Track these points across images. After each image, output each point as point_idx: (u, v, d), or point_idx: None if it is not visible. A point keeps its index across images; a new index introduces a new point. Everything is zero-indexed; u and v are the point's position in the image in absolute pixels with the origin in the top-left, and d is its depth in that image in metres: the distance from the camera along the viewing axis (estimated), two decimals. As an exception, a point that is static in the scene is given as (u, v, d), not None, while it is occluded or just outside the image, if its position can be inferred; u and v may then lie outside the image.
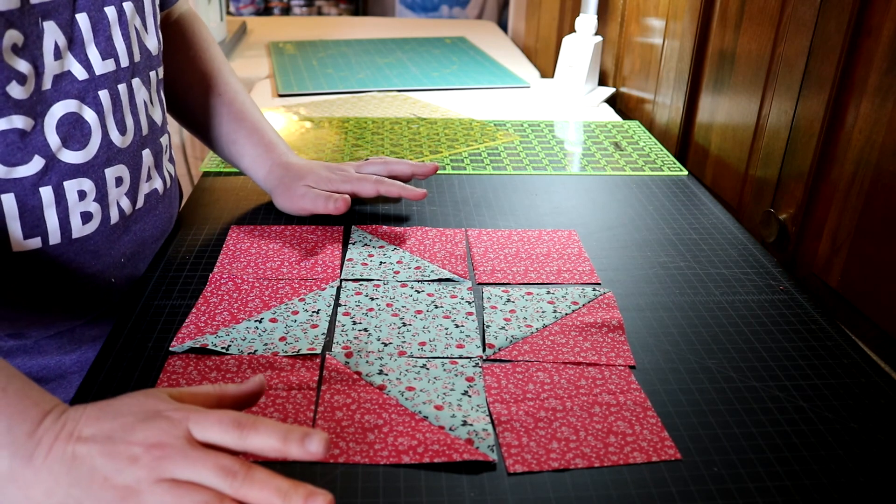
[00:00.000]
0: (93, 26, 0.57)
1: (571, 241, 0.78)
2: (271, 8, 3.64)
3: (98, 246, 0.62)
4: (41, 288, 0.60)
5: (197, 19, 0.85)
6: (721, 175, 0.95)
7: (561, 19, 1.61)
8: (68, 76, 0.56)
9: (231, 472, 0.39)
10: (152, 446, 0.40)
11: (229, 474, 0.39)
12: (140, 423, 0.41)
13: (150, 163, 0.68)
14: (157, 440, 0.40)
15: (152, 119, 0.68)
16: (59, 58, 0.55)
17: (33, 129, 0.55)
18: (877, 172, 0.65)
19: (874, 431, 0.52)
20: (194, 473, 0.39)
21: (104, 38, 0.59)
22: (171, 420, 0.41)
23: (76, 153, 0.58)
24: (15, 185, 0.55)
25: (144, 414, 0.41)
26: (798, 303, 0.68)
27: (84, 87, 0.58)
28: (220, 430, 0.41)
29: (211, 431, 0.41)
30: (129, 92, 0.63)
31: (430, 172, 0.82)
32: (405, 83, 1.39)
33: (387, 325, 0.62)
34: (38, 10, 0.53)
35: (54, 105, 0.56)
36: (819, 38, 0.72)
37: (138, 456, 0.39)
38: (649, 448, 0.50)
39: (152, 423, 0.41)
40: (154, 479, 0.39)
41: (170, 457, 0.39)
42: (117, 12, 0.60)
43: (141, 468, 0.39)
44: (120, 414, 0.42)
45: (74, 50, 0.56)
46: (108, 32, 0.59)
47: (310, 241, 0.76)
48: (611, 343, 0.61)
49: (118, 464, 0.39)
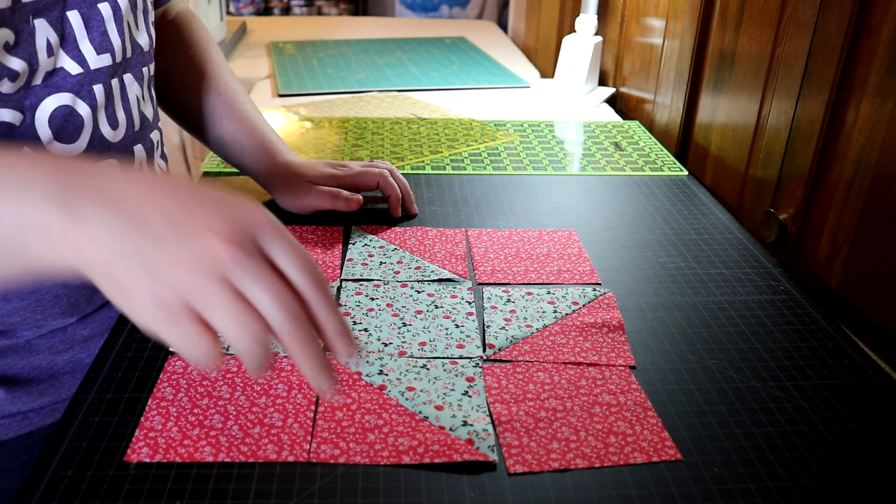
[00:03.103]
0: (85, 22, 0.57)
1: (572, 241, 0.78)
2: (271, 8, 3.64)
3: None
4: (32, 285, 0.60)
5: (195, 18, 0.85)
6: (721, 175, 0.95)
7: (561, 19, 1.61)
8: (61, 72, 0.56)
9: (294, 316, 0.37)
10: (222, 234, 0.37)
11: (293, 318, 0.37)
12: (215, 203, 0.38)
13: (143, 158, 0.68)
14: (231, 229, 0.37)
15: (144, 115, 0.68)
16: (51, 55, 0.55)
17: (22, 122, 0.55)
18: (877, 172, 0.65)
19: (874, 431, 0.52)
20: (259, 295, 0.36)
21: (99, 34, 0.59)
22: (254, 220, 0.38)
23: (67, 146, 0.58)
24: None
25: (220, 198, 0.39)
26: (798, 303, 0.68)
27: (79, 82, 0.58)
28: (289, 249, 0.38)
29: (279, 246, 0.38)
30: (121, 87, 0.63)
31: (409, 207, 0.82)
32: (405, 83, 1.39)
33: (387, 326, 0.62)
34: (29, 9, 0.53)
35: (46, 99, 0.56)
36: (819, 38, 0.72)
37: (202, 239, 0.36)
38: (650, 448, 0.50)
39: (228, 208, 0.38)
40: (214, 274, 0.36)
41: (240, 259, 0.36)
42: (111, 8, 0.60)
43: (202, 253, 0.36)
44: (190, 189, 0.39)
45: (67, 46, 0.56)
46: (103, 27, 0.59)
47: (310, 242, 0.76)
48: (611, 343, 0.61)
49: (180, 236, 0.36)
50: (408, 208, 0.82)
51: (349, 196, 0.77)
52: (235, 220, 0.38)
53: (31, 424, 0.62)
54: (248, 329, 0.36)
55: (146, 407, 0.52)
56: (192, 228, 0.37)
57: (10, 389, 0.60)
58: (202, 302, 0.36)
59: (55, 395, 0.64)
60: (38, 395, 0.62)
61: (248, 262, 0.37)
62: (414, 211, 0.82)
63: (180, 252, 0.36)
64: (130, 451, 0.48)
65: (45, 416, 0.63)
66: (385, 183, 0.79)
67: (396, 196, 0.80)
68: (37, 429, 0.62)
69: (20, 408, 0.61)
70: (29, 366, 0.63)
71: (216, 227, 0.37)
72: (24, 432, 0.62)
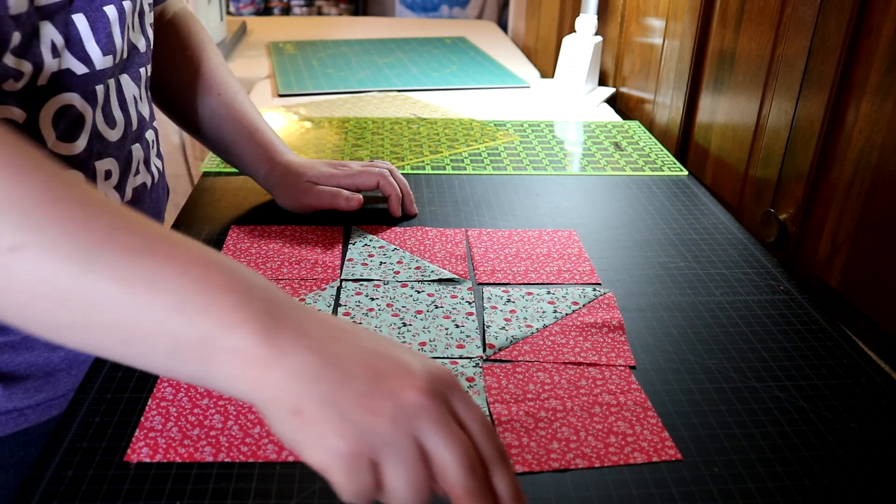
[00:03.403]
0: (91, 25, 0.58)
1: (572, 241, 0.78)
2: (271, 8, 3.64)
3: None
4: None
5: (193, 18, 0.85)
6: (721, 175, 0.95)
7: (561, 19, 1.61)
8: (67, 73, 0.57)
9: (472, 471, 0.37)
10: (421, 391, 0.37)
11: (474, 474, 0.37)
12: (412, 358, 0.39)
13: (140, 157, 0.68)
14: (428, 387, 0.38)
15: (141, 114, 0.68)
16: (56, 56, 0.55)
17: (26, 120, 0.55)
18: (877, 172, 0.65)
19: (874, 431, 0.52)
20: (444, 449, 0.37)
21: (104, 36, 0.59)
22: (446, 380, 0.39)
23: (68, 145, 0.58)
24: None
25: (415, 355, 0.40)
26: (798, 303, 0.68)
27: (84, 82, 0.58)
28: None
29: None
30: (118, 87, 0.64)
31: (409, 207, 0.82)
32: (405, 83, 1.39)
33: (387, 326, 0.62)
34: (41, 13, 0.53)
35: (51, 99, 0.56)
36: (819, 38, 0.72)
37: (403, 394, 0.37)
38: (650, 448, 0.50)
39: (425, 367, 0.39)
40: (408, 430, 0.37)
41: (433, 414, 0.37)
42: (117, 10, 0.60)
43: (401, 408, 0.37)
44: (387, 342, 0.40)
45: (72, 48, 0.57)
46: (109, 30, 0.59)
47: (310, 242, 0.76)
48: (611, 343, 0.61)
49: (380, 389, 0.37)
50: (408, 208, 0.82)
51: (349, 195, 0.77)
52: (432, 378, 0.39)
53: (27, 421, 0.62)
54: (418, 493, 0.37)
55: (146, 407, 0.52)
56: (393, 383, 0.38)
57: (6, 386, 0.60)
58: (388, 454, 0.37)
59: (51, 391, 0.64)
60: (34, 391, 0.62)
61: (442, 417, 0.38)
62: (414, 211, 0.82)
63: (380, 404, 0.37)
64: (130, 451, 0.48)
65: (41, 413, 0.63)
66: (385, 183, 0.79)
67: (396, 196, 0.80)
68: (33, 426, 0.63)
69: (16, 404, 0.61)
70: (25, 362, 0.63)
71: (416, 383, 0.38)
72: (20, 429, 0.62)
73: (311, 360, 0.38)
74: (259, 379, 0.37)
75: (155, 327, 0.38)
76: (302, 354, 0.38)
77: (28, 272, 0.38)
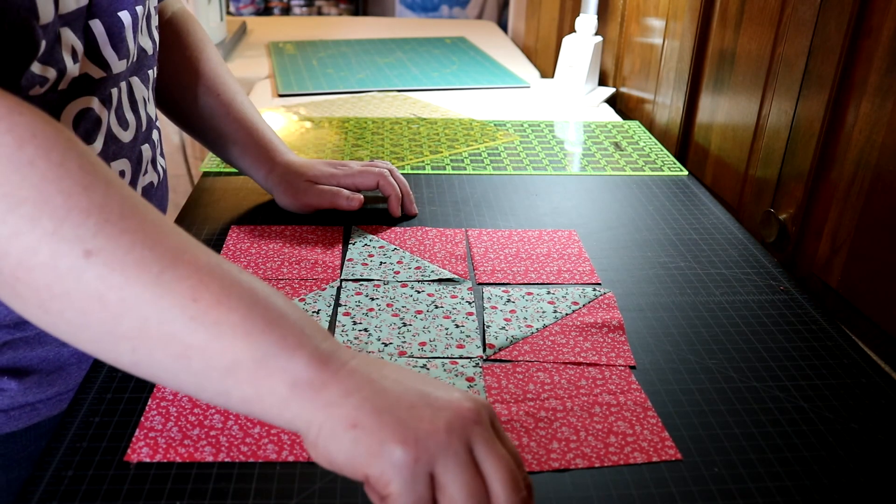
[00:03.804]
0: (107, 30, 0.59)
1: (571, 241, 0.78)
2: (271, 8, 3.64)
3: None
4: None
5: (191, 18, 0.85)
6: (721, 175, 0.95)
7: (561, 19, 1.61)
8: (85, 77, 0.58)
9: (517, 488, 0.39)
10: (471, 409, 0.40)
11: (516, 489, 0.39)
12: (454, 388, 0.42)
13: (148, 157, 0.70)
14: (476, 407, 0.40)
15: (149, 115, 0.70)
16: (76, 61, 0.57)
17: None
18: (877, 172, 0.65)
19: (874, 431, 0.52)
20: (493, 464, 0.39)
21: (120, 40, 0.61)
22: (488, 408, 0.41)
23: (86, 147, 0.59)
24: None
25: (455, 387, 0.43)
26: (798, 303, 0.68)
27: (101, 85, 0.59)
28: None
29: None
30: (129, 89, 0.65)
31: (408, 207, 0.82)
32: (405, 83, 1.39)
33: (387, 326, 0.62)
34: (63, 20, 0.54)
35: (71, 102, 0.57)
36: (819, 38, 0.72)
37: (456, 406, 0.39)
38: (650, 448, 0.50)
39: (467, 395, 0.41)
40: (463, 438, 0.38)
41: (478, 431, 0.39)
42: (131, 16, 0.62)
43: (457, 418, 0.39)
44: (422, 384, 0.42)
45: (90, 53, 0.58)
46: (124, 34, 0.61)
47: (310, 242, 0.76)
48: (611, 343, 0.61)
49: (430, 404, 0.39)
50: (407, 208, 0.82)
51: (349, 195, 0.77)
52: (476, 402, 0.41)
53: (39, 415, 0.63)
54: (475, 500, 0.38)
55: (146, 407, 0.52)
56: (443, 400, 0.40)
57: (21, 381, 0.61)
58: (446, 461, 0.38)
59: (62, 385, 0.65)
60: (46, 385, 0.63)
61: (490, 436, 0.40)
62: (414, 211, 0.82)
63: (435, 414, 0.39)
64: (130, 450, 0.48)
65: (53, 407, 0.64)
66: (385, 183, 0.79)
67: (396, 196, 0.80)
68: (45, 419, 0.64)
69: (29, 399, 0.62)
70: (38, 357, 0.64)
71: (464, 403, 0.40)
72: (32, 423, 0.63)
73: (364, 381, 0.40)
74: (313, 399, 0.39)
75: (215, 343, 0.39)
76: (356, 376, 0.40)
77: (99, 279, 0.38)
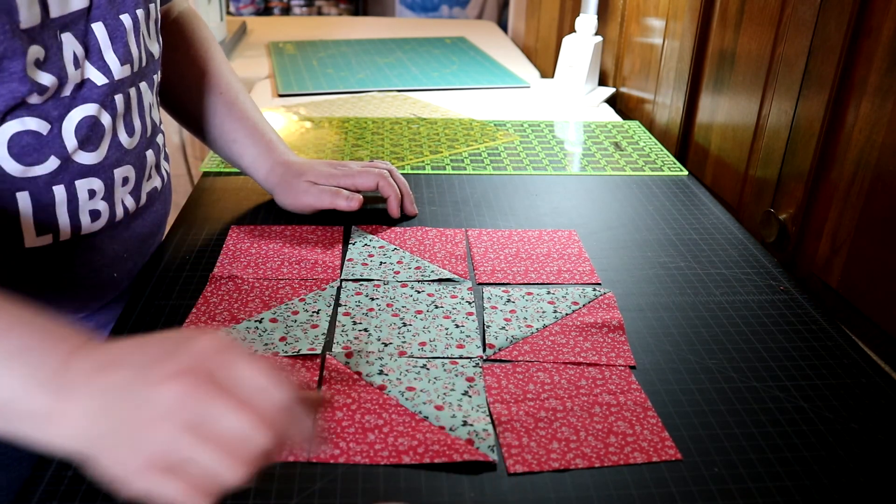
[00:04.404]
0: (109, 34, 0.59)
1: (571, 241, 0.78)
2: (271, 8, 3.64)
3: (103, 242, 0.64)
4: (48, 282, 0.62)
5: (196, 18, 0.85)
6: (721, 175, 0.95)
7: (561, 19, 1.61)
8: (88, 83, 0.58)
9: (280, 385, 0.36)
10: (183, 372, 0.37)
11: (279, 386, 0.36)
12: (176, 344, 0.39)
13: (153, 162, 0.70)
14: (189, 366, 0.37)
15: (154, 121, 0.70)
16: (78, 67, 0.57)
17: (49, 131, 0.56)
18: (877, 172, 0.65)
19: (874, 431, 0.52)
20: (223, 420, 0.36)
21: (122, 45, 0.61)
22: (207, 353, 0.38)
23: (90, 154, 0.60)
24: (30, 183, 0.57)
25: (180, 337, 0.39)
26: (798, 303, 0.68)
27: (105, 92, 0.60)
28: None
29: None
30: (138, 95, 0.65)
31: (408, 207, 0.82)
32: (405, 83, 1.39)
33: (387, 326, 0.62)
34: (57, 24, 0.54)
35: (74, 110, 0.57)
36: (819, 38, 0.72)
37: (164, 388, 0.37)
38: (650, 448, 0.50)
39: (188, 344, 0.38)
40: (181, 427, 0.36)
41: (201, 394, 0.36)
42: (132, 20, 0.61)
43: (165, 406, 0.36)
44: (155, 342, 0.40)
45: (92, 58, 0.58)
46: (125, 39, 0.61)
47: (310, 242, 0.76)
48: (611, 343, 0.61)
49: (147, 392, 0.37)
50: (407, 209, 0.82)
51: (349, 195, 0.77)
52: (190, 360, 0.38)
53: None
54: (227, 468, 0.36)
55: (146, 407, 0.52)
56: (154, 377, 0.37)
57: None
58: (179, 455, 0.36)
59: None
60: None
61: (207, 399, 0.37)
62: (413, 211, 0.82)
63: (148, 411, 0.37)
64: (130, 451, 0.48)
65: None
66: (385, 183, 0.79)
67: (396, 196, 0.80)
68: None
69: None
70: None
71: (173, 371, 0.37)
72: None
73: (92, 407, 0.38)
74: (59, 435, 0.38)
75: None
76: (84, 402, 0.38)
77: None
